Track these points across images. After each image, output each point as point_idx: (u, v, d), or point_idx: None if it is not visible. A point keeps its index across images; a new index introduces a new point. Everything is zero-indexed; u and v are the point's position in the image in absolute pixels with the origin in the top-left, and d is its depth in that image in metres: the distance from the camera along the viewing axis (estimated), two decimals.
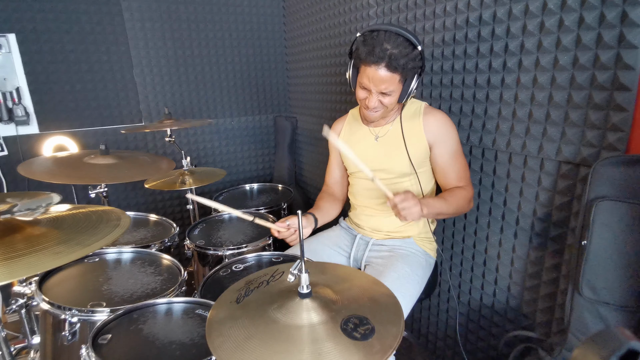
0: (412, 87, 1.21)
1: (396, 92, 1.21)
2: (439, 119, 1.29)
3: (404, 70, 1.16)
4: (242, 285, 0.93)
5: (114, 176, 1.54)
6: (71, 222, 0.97)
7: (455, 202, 1.26)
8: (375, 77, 1.18)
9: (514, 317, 1.37)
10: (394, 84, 1.19)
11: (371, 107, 1.24)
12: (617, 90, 0.97)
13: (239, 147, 2.98)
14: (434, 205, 1.22)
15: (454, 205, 1.26)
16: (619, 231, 0.94)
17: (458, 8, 1.37)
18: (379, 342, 0.71)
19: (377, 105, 1.24)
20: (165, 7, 2.47)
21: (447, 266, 1.63)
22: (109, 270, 1.35)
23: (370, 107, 1.24)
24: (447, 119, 1.30)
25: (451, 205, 1.25)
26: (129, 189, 2.63)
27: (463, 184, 1.31)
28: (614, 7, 0.94)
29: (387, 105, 1.24)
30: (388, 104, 1.23)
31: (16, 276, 0.75)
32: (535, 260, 1.26)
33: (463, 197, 1.28)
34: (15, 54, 2.15)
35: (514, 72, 1.22)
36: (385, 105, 1.24)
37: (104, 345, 0.97)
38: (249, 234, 1.73)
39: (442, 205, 1.24)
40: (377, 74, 1.17)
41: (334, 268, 1.00)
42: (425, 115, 1.31)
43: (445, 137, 1.29)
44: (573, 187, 1.12)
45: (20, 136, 2.25)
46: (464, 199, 1.28)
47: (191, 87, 2.68)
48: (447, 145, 1.29)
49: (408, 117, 1.33)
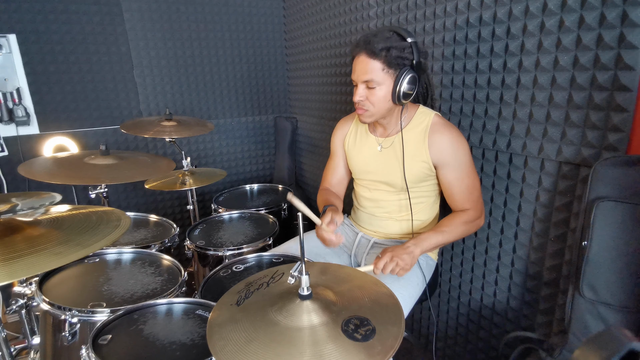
0: (400, 81, 1.13)
1: (382, 85, 1.14)
2: (446, 140, 1.20)
3: (387, 58, 1.11)
4: (242, 287, 0.93)
5: (114, 176, 1.54)
6: (71, 222, 0.97)
7: (455, 230, 1.22)
8: (357, 66, 1.15)
9: (515, 318, 1.37)
10: (376, 74, 1.13)
11: (356, 101, 1.19)
12: (618, 90, 0.97)
13: (239, 148, 2.98)
14: (428, 241, 1.19)
15: (454, 234, 1.22)
16: (619, 232, 0.94)
17: (458, 9, 1.37)
18: (380, 343, 0.72)
19: (362, 100, 1.18)
20: (166, 7, 2.47)
21: (448, 267, 1.63)
22: (109, 271, 1.35)
23: (356, 102, 1.19)
24: (456, 139, 1.20)
25: (450, 234, 1.22)
26: (129, 190, 2.63)
27: (469, 206, 1.24)
28: (614, 8, 0.94)
29: (374, 102, 1.17)
30: (375, 100, 1.16)
31: (16, 276, 0.75)
32: (535, 261, 1.26)
33: (465, 222, 1.23)
34: (15, 55, 2.15)
35: (514, 73, 1.21)
36: (372, 102, 1.17)
37: (104, 346, 0.97)
38: (249, 235, 1.73)
39: (439, 238, 1.21)
40: (358, 61, 1.15)
41: (334, 269, 1.00)
42: (432, 134, 1.21)
43: (451, 159, 1.21)
44: (573, 187, 1.12)
45: (21, 136, 2.25)
46: (465, 224, 1.23)
47: (191, 87, 2.68)
48: (452, 166, 1.22)
49: (415, 130, 1.24)
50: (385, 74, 1.14)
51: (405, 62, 1.13)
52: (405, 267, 1.15)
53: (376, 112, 1.20)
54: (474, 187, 1.24)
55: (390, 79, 1.15)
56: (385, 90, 1.16)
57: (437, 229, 1.23)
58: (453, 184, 1.24)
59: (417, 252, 1.18)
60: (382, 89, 1.16)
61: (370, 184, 1.39)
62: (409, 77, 1.13)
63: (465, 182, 1.23)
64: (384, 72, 1.13)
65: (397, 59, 1.12)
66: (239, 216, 1.94)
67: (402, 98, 1.16)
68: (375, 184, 1.37)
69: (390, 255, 1.14)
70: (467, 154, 1.23)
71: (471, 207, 1.24)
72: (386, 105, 1.19)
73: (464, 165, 1.22)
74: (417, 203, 1.32)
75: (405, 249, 1.16)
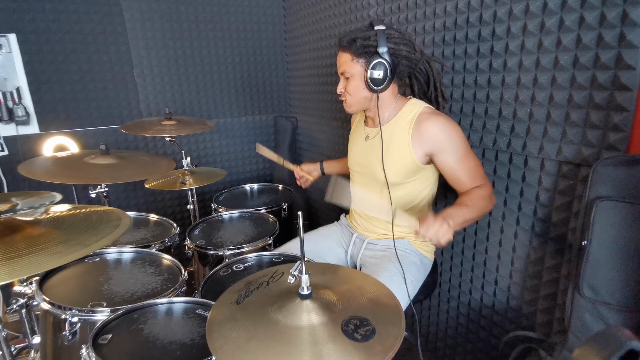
0: (367, 69, 1.17)
1: (355, 75, 1.22)
2: (435, 126, 1.19)
3: (353, 48, 1.18)
4: (242, 286, 0.93)
5: (114, 176, 1.54)
6: (71, 222, 0.97)
7: (477, 203, 1.15)
8: (337, 61, 1.25)
9: (515, 317, 1.37)
10: (347, 65, 1.21)
11: (338, 92, 1.28)
12: (618, 90, 0.97)
13: (239, 147, 2.98)
14: (457, 215, 1.10)
15: (476, 207, 1.15)
16: (619, 231, 0.94)
17: (458, 8, 1.37)
18: (379, 343, 0.72)
19: (342, 91, 1.27)
20: (166, 7, 2.47)
21: (448, 266, 1.63)
22: (109, 270, 1.35)
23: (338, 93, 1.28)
24: (446, 124, 1.19)
25: (473, 208, 1.14)
26: (129, 189, 2.63)
27: (479, 183, 1.20)
28: (614, 7, 0.94)
29: (350, 92, 1.25)
30: (350, 90, 1.24)
31: (17, 276, 0.75)
32: (535, 260, 1.26)
33: (482, 197, 1.17)
34: (15, 54, 2.15)
35: (514, 72, 1.21)
36: (348, 92, 1.25)
37: (104, 345, 0.97)
38: (250, 234, 1.73)
39: (465, 212, 1.12)
40: (338, 56, 1.25)
41: (334, 269, 1.00)
42: (418, 124, 1.20)
43: (445, 143, 1.19)
44: (573, 187, 1.12)
45: (21, 136, 2.25)
46: (483, 199, 1.17)
47: (191, 87, 2.68)
48: (450, 150, 1.19)
49: (402, 122, 1.24)
50: (355, 63, 1.20)
51: (371, 50, 1.17)
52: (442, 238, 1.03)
53: (355, 102, 1.27)
54: (478, 166, 1.21)
55: (362, 68, 1.20)
56: (358, 79, 1.22)
57: (459, 204, 1.15)
58: (455, 167, 1.20)
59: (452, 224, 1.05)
60: (355, 78, 1.22)
61: (358, 178, 1.43)
62: (374, 64, 1.17)
63: (468, 163, 1.20)
64: (353, 62, 1.20)
65: (363, 48, 1.17)
66: (239, 216, 1.94)
67: (375, 84, 1.20)
68: (361, 177, 1.40)
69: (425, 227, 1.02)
70: (462, 137, 1.20)
71: (482, 183, 1.20)
72: (362, 93, 1.24)
73: (461, 148, 1.19)
74: (404, 203, 1.31)
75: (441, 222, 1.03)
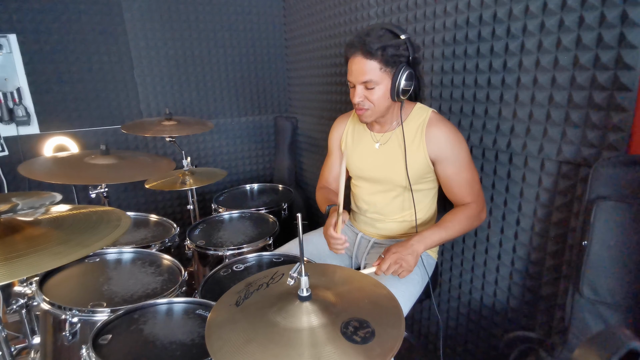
0: (398, 79, 1.14)
1: (381, 84, 1.15)
2: (442, 134, 1.21)
3: (383, 57, 1.11)
4: (241, 288, 0.93)
5: (115, 176, 1.55)
6: (72, 222, 0.97)
7: (457, 225, 1.21)
8: (353, 68, 1.15)
9: (515, 318, 1.37)
10: (374, 74, 1.13)
11: (355, 103, 1.19)
12: (618, 90, 0.97)
13: (239, 147, 2.98)
14: (432, 237, 1.18)
15: (457, 229, 1.21)
16: (619, 231, 0.93)
17: (458, 8, 1.36)
18: (379, 345, 0.71)
19: (361, 101, 1.18)
20: (166, 7, 2.47)
21: (448, 266, 1.62)
22: (109, 271, 1.35)
23: (355, 103, 1.19)
24: (452, 134, 1.21)
25: (453, 230, 1.20)
26: (129, 189, 2.63)
27: (469, 200, 1.23)
28: (614, 7, 0.94)
29: (374, 101, 1.18)
30: (375, 100, 1.17)
31: (17, 276, 0.75)
32: (535, 260, 1.26)
33: (468, 217, 1.21)
34: (16, 55, 2.15)
35: (514, 72, 1.21)
36: (372, 101, 1.18)
37: (104, 346, 0.97)
38: (250, 234, 1.73)
39: (442, 234, 1.19)
40: (354, 62, 1.15)
41: (333, 270, 1.00)
42: (429, 128, 1.22)
43: (448, 153, 1.21)
44: (573, 187, 1.12)
45: (21, 136, 2.25)
46: (469, 219, 1.22)
47: (191, 87, 2.68)
48: (451, 161, 1.22)
49: (413, 126, 1.25)
50: (382, 72, 1.14)
51: (401, 60, 1.14)
52: (409, 269, 1.14)
53: (377, 111, 1.21)
54: (473, 181, 1.24)
55: (388, 77, 1.16)
56: (384, 89, 1.17)
57: (440, 225, 1.21)
58: (452, 178, 1.23)
59: (421, 250, 1.17)
60: (381, 88, 1.16)
61: (368, 185, 1.38)
62: (406, 74, 1.15)
63: (465, 176, 1.23)
64: (381, 71, 1.14)
65: (393, 57, 1.13)
66: (239, 216, 1.94)
67: (401, 95, 1.17)
68: (373, 184, 1.37)
69: (394, 257, 1.13)
70: (465, 148, 1.22)
71: (473, 200, 1.24)
72: (385, 103, 1.20)
73: (462, 160, 1.22)
74: (417, 202, 1.32)
75: (409, 247, 1.15)
